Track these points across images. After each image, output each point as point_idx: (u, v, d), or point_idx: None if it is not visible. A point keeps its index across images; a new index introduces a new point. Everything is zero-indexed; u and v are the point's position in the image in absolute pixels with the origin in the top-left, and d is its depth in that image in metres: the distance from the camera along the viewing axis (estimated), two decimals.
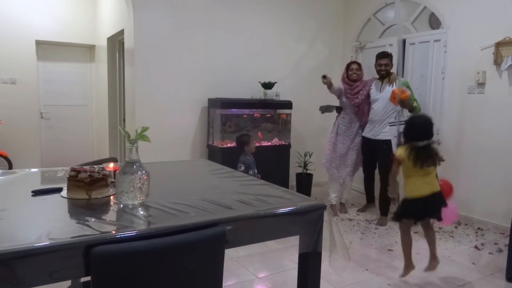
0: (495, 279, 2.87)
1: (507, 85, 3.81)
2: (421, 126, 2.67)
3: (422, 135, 2.63)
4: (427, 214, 2.72)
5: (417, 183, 2.65)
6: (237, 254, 3.10)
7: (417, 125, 2.70)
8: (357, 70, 4.20)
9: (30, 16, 5.73)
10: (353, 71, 4.18)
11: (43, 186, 1.71)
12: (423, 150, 2.61)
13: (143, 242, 1.15)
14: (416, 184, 2.65)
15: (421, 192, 2.64)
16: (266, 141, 4.92)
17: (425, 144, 2.61)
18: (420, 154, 2.60)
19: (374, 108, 4.07)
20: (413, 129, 2.69)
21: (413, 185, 2.66)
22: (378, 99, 4.04)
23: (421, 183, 2.64)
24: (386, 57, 4.05)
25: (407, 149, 2.64)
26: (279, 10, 5.16)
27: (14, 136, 5.69)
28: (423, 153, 2.61)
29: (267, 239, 1.60)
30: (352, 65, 4.25)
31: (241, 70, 4.93)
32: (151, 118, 4.34)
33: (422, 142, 2.61)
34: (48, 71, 6.22)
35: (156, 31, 4.37)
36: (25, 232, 1.18)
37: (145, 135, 1.47)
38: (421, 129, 2.65)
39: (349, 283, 2.76)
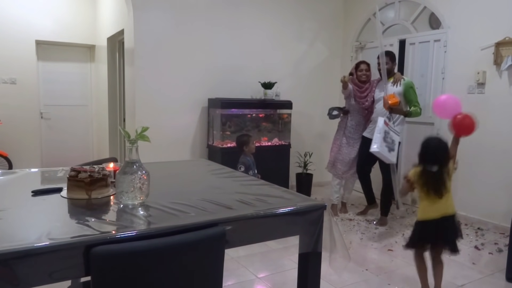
0: (495, 279, 2.87)
1: (507, 85, 3.81)
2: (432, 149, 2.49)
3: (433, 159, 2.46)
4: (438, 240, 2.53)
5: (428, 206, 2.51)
6: (237, 254, 3.10)
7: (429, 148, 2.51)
8: (367, 70, 4.13)
9: (30, 16, 5.73)
10: (362, 72, 4.11)
11: (43, 186, 1.71)
12: (434, 176, 2.45)
13: (143, 242, 1.15)
14: (426, 206, 2.52)
15: (431, 215, 2.49)
16: (266, 141, 4.92)
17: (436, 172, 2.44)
18: (430, 180, 2.45)
19: (377, 108, 4.01)
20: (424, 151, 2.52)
21: (424, 208, 2.54)
22: (380, 99, 3.98)
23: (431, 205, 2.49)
24: (386, 55, 3.95)
25: (418, 172, 2.50)
26: (279, 10, 5.16)
27: (14, 136, 5.69)
28: (433, 179, 2.45)
29: (267, 239, 1.60)
30: (361, 65, 4.16)
31: (241, 70, 4.93)
32: (151, 118, 4.34)
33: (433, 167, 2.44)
34: (48, 71, 6.22)
35: (156, 31, 4.37)
36: (25, 232, 1.18)
37: (145, 135, 1.47)
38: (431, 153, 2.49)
39: (349, 283, 2.76)
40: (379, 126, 3.58)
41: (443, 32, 4.34)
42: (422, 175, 2.48)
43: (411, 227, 3.91)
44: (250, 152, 3.88)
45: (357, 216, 4.30)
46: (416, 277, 2.88)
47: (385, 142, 3.57)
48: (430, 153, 2.49)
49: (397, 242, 3.54)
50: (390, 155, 3.61)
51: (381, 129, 3.58)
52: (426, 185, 2.46)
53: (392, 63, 3.99)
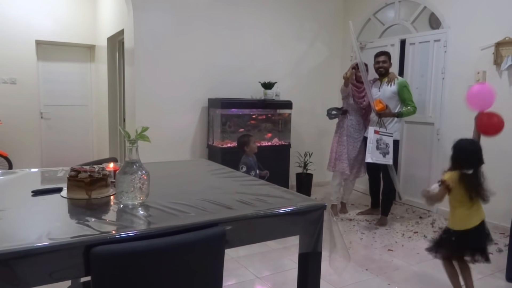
0: (495, 279, 2.87)
1: (507, 85, 3.81)
2: (469, 153, 2.44)
3: (474, 161, 2.40)
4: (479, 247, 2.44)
5: (469, 214, 2.41)
6: (237, 254, 3.10)
7: (465, 151, 2.45)
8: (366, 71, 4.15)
9: (30, 16, 5.73)
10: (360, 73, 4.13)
11: (43, 186, 1.71)
12: (475, 179, 2.38)
13: (143, 242, 1.15)
14: (467, 215, 2.41)
15: (472, 223, 2.40)
16: (266, 141, 4.92)
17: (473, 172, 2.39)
18: (472, 184, 2.37)
19: None
20: (460, 155, 2.45)
21: (462, 215, 2.42)
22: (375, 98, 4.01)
23: (473, 213, 2.41)
24: (383, 55, 4.04)
25: (457, 176, 2.39)
26: (279, 10, 5.16)
27: (14, 136, 5.69)
28: (474, 182, 2.37)
29: (267, 239, 1.60)
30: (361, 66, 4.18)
31: (241, 70, 4.93)
32: (151, 118, 4.34)
33: (470, 170, 2.38)
34: (48, 71, 6.22)
35: (156, 31, 4.37)
36: (25, 232, 1.18)
37: (145, 135, 1.47)
38: (467, 157, 2.42)
39: (349, 283, 2.76)
40: (370, 137, 3.79)
41: (443, 32, 4.34)
42: (462, 179, 2.38)
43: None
44: (252, 152, 3.86)
45: (357, 216, 4.30)
46: (416, 276, 2.88)
47: (379, 150, 3.78)
48: (467, 157, 2.42)
49: (397, 242, 3.55)
50: (386, 158, 3.81)
51: (372, 139, 3.78)
52: (469, 189, 2.37)
53: (389, 62, 4.05)
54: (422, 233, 3.79)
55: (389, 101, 3.90)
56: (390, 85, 3.96)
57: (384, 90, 3.98)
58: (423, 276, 2.89)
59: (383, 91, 4.00)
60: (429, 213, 4.43)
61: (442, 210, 4.28)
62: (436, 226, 3.98)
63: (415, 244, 3.52)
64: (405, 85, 3.95)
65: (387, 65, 4.02)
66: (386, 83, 4.00)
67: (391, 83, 3.95)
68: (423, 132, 4.59)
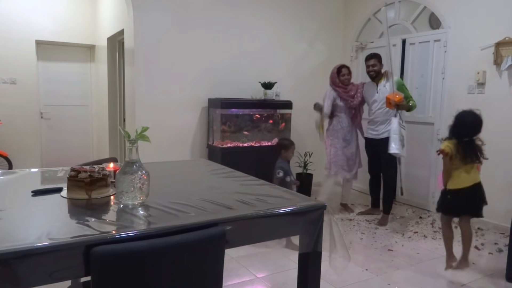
0: (495, 279, 2.87)
1: (507, 85, 3.81)
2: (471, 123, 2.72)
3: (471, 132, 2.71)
4: (468, 207, 2.77)
5: (461, 176, 2.72)
6: (237, 254, 3.10)
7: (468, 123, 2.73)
8: (348, 74, 4.23)
9: (30, 16, 5.73)
10: (345, 76, 4.20)
11: (43, 186, 1.71)
12: (469, 146, 2.68)
13: (143, 242, 1.15)
14: (460, 176, 2.72)
15: (464, 183, 2.71)
16: (266, 141, 4.92)
17: (469, 140, 2.69)
18: (467, 150, 2.68)
19: (374, 110, 4.08)
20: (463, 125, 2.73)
21: (458, 178, 2.73)
22: (376, 101, 4.04)
23: (465, 175, 2.71)
24: (372, 58, 4.02)
25: (454, 144, 2.70)
26: (279, 10, 5.16)
27: (14, 136, 5.69)
28: (469, 148, 2.68)
29: (267, 239, 1.60)
30: (342, 69, 4.23)
31: (241, 70, 4.93)
32: (151, 118, 4.34)
33: (466, 138, 2.69)
34: (48, 71, 6.22)
35: (156, 31, 4.37)
36: (25, 232, 1.18)
37: (145, 135, 1.47)
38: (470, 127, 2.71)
39: (349, 283, 2.76)
40: (394, 127, 3.75)
41: (443, 32, 4.34)
42: (459, 146, 2.68)
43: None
44: (286, 159, 3.69)
45: (358, 216, 4.30)
46: (416, 276, 2.88)
47: (400, 141, 3.76)
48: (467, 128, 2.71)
49: (397, 242, 3.55)
50: (403, 150, 3.82)
51: (396, 129, 3.75)
52: (468, 155, 2.67)
53: (380, 65, 4.05)
54: (422, 233, 3.79)
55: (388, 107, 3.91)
56: (387, 84, 3.94)
57: (383, 91, 3.97)
58: (423, 276, 2.89)
59: (381, 92, 3.99)
60: (429, 213, 4.43)
61: None
62: (436, 226, 3.98)
63: (415, 244, 3.52)
64: (402, 83, 4.00)
65: (378, 68, 4.01)
66: (383, 84, 4.00)
67: (389, 81, 3.93)
68: (423, 132, 4.59)
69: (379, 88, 4.03)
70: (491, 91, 3.92)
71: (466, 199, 2.75)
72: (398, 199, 4.81)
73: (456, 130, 2.75)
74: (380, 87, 4.03)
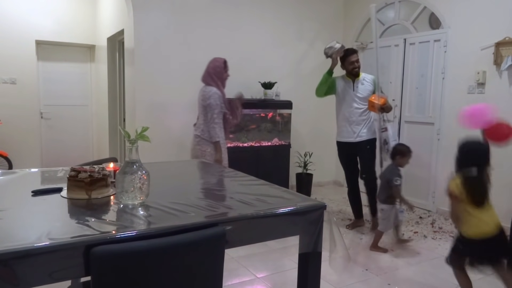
0: (495, 279, 2.86)
1: (507, 85, 3.81)
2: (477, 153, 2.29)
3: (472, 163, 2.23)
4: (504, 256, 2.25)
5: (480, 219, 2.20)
6: (237, 254, 3.10)
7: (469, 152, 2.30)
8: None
9: (30, 16, 5.73)
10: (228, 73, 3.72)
11: (43, 186, 1.71)
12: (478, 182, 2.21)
13: (143, 242, 1.15)
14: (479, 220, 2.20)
15: (489, 228, 2.19)
16: (266, 141, 4.92)
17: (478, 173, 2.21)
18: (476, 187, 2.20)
19: (350, 109, 3.75)
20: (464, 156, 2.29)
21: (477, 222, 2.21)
22: (353, 99, 3.73)
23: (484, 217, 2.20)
24: (355, 52, 3.78)
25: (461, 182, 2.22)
26: (279, 10, 5.16)
27: (14, 136, 5.69)
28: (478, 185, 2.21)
29: (267, 239, 1.60)
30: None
31: (241, 70, 4.92)
32: (151, 118, 4.34)
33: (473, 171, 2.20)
34: (48, 71, 6.22)
35: (156, 31, 4.37)
36: (25, 232, 1.18)
37: (145, 135, 1.47)
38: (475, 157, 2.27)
39: (349, 283, 2.76)
40: (390, 133, 3.64)
41: (443, 32, 4.34)
42: (465, 184, 2.20)
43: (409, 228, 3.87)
44: (400, 165, 3.42)
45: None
46: (416, 276, 2.88)
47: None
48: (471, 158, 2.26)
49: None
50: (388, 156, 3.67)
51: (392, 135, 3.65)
52: (472, 193, 2.19)
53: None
54: (422, 233, 3.79)
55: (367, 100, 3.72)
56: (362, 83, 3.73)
57: (361, 89, 3.72)
58: (423, 276, 2.89)
59: (359, 90, 3.73)
60: (429, 213, 4.43)
61: (442, 210, 4.28)
62: (436, 226, 3.98)
63: (415, 244, 3.52)
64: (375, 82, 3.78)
65: (359, 64, 3.78)
66: (361, 81, 3.75)
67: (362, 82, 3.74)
68: (423, 132, 4.59)
69: (356, 85, 3.75)
70: (491, 91, 3.92)
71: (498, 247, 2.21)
72: None
73: (461, 161, 2.30)
74: (357, 84, 3.75)
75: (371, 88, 3.75)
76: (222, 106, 3.45)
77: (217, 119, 3.38)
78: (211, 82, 3.48)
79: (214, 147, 3.41)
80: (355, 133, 3.75)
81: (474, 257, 2.25)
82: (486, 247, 2.20)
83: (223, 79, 3.56)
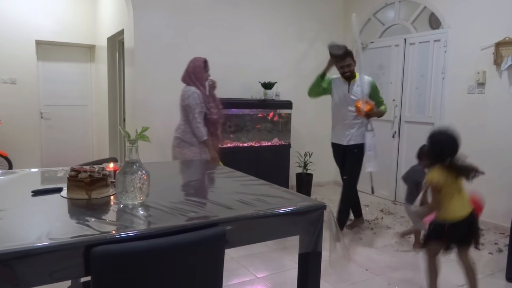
0: (495, 279, 2.87)
1: (507, 85, 3.81)
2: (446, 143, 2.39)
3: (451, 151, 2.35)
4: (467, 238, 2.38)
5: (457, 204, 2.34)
6: (237, 254, 3.10)
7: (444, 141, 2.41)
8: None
9: (30, 16, 5.73)
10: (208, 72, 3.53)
11: (43, 186, 1.71)
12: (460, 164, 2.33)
13: (143, 242, 1.14)
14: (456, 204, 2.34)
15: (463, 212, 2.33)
16: (266, 141, 4.92)
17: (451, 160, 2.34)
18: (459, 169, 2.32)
19: (344, 111, 3.67)
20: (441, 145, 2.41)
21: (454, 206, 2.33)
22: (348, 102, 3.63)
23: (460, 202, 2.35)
24: (348, 56, 3.54)
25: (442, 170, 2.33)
26: (279, 10, 5.16)
27: (14, 136, 5.69)
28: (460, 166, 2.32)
29: (267, 239, 1.60)
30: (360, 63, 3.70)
31: (241, 70, 4.92)
32: (151, 118, 4.34)
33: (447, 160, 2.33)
34: (48, 71, 6.22)
35: (156, 31, 4.37)
36: (25, 232, 1.18)
37: (145, 135, 1.47)
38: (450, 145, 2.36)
39: (349, 283, 2.76)
40: (369, 143, 3.49)
41: (443, 32, 4.34)
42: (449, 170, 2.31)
43: None
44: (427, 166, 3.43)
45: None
46: (416, 276, 2.88)
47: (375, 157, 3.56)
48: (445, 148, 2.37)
49: (397, 242, 3.54)
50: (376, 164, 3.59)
51: (372, 145, 3.51)
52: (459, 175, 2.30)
53: (354, 63, 3.64)
54: (422, 232, 3.79)
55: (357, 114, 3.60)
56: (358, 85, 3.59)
57: (356, 91, 3.60)
58: (422, 276, 2.89)
59: (353, 92, 3.61)
60: None
61: None
62: None
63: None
64: (375, 85, 3.66)
65: (353, 68, 3.60)
66: (357, 84, 3.60)
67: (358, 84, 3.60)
68: (423, 132, 4.57)
69: (352, 87, 3.62)
70: (491, 91, 3.92)
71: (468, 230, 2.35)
72: (398, 199, 4.82)
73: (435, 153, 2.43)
74: (353, 87, 3.62)
75: (366, 91, 3.57)
76: (202, 106, 3.33)
77: (198, 118, 3.29)
78: (190, 82, 3.38)
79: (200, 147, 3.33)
80: (347, 136, 3.67)
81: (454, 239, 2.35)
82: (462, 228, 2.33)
83: (203, 79, 3.42)
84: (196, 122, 3.28)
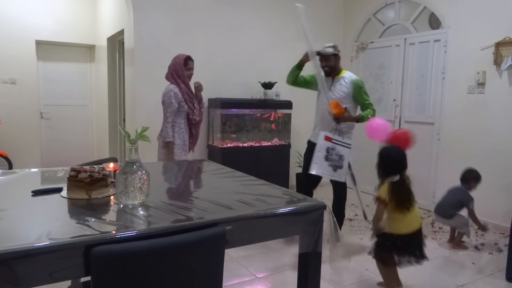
0: (495, 279, 2.87)
1: (507, 85, 3.81)
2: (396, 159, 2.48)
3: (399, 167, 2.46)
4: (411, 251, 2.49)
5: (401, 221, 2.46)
6: (237, 254, 3.10)
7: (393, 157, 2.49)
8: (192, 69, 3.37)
9: (30, 16, 5.73)
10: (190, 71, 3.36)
11: (43, 186, 1.71)
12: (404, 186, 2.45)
13: (143, 242, 1.15)
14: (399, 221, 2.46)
15: (407, 229, 2.46)
16: (266, 141, 4.92)
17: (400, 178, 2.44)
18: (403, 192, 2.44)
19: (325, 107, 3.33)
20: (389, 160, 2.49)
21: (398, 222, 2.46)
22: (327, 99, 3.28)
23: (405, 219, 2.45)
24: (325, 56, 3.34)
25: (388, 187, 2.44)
26: (279, 10, 5.16)
27: (14, 136, 5.69)
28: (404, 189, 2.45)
29: (267, 239, 1.59)
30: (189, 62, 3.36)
31: (241, 70, 4.92)
32: (151, 118, 4.33)
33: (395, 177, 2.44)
34: (48, 71, 6.22)
35: (156, 31, 4.37)
36: (25, 232, 1.18)
37: (145, 135, 1.47)
38: (397, 161, 2.47)
39: (349, 283, 2.76)
40: (320, 143, 3.11)
41: (443, 32, 4.34)
42: (393, 189, 2.43)
43: None
44: (472, 189, 3.51)
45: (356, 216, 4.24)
46: (416, 276, 2.88)
47: (329, 161, 3.13)
48: (392, 164, 2.48)
49: None
50: (337, 174, 3.21)
51: (322, 146, 3.11)
52: (400, 198, 2.42)
53: (335, 58, 3.36)
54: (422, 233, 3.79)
55: None
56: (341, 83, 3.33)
57: (338, 89, 3.33)
58: (423, 276, 2.89)
59: (335, 90, 3.34)
60: (429, 213, 4.43)
61: None
62: (436, 226, 3.98)
63: None
64: (361, 86, 3.32)
65: (333, 63, 3.33)
66: (340, 82, 3.34)
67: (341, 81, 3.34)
68: (423, 132, 4.59)
69: (334, 84, 3.37)
70: (491, 91, 3.92)
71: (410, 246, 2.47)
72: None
73: (384, 167, 2.50)
74: (335, 84, 3.36)
75: (347, 90, 3.30)
76: (181, 105, 3.23)
77: (169, 118, 3.18)
78: (171, 79, 3.28)
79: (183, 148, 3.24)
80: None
81: (403, 251, 2.46)
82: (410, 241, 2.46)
83: (184, 76, 3.27)
84: (166, 121, 3.19)
